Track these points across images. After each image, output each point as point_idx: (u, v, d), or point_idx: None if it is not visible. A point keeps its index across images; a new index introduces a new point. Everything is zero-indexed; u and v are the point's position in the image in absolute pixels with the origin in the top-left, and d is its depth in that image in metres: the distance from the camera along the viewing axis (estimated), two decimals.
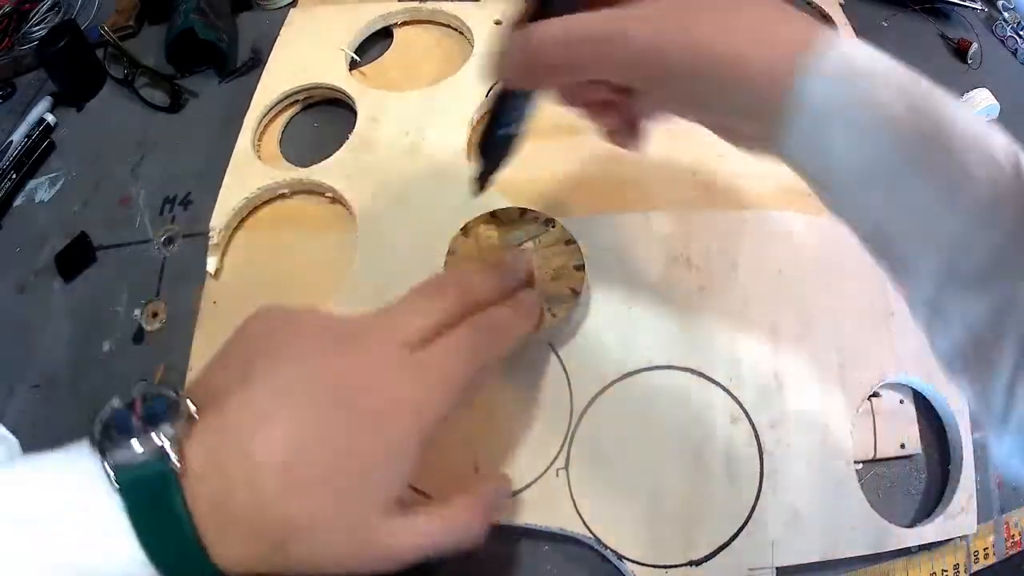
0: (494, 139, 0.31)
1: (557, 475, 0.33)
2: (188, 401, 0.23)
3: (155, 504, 0.21)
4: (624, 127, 0.30)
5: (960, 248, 0.22)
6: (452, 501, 0.27)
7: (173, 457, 0.21)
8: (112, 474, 0.21)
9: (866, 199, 0.23)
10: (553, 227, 0.36)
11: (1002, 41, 0.61)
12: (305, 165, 0.43)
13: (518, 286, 0.31)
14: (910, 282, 0.24)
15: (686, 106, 0.27)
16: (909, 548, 0.35)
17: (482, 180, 0.33)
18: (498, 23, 0.49)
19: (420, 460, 0.25)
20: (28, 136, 0.48)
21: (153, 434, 0.21)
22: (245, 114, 0.45)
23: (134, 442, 0.21)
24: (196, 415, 0.23)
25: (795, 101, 0.22)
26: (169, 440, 0.21)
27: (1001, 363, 0.21)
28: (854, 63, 0.22)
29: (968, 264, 0.21)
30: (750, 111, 0.24)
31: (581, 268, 0.35)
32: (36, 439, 0.37)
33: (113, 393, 0.37)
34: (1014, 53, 0.60)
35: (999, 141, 0.22)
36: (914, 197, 0.22)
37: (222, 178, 0.42)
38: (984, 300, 0.21)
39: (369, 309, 0.27)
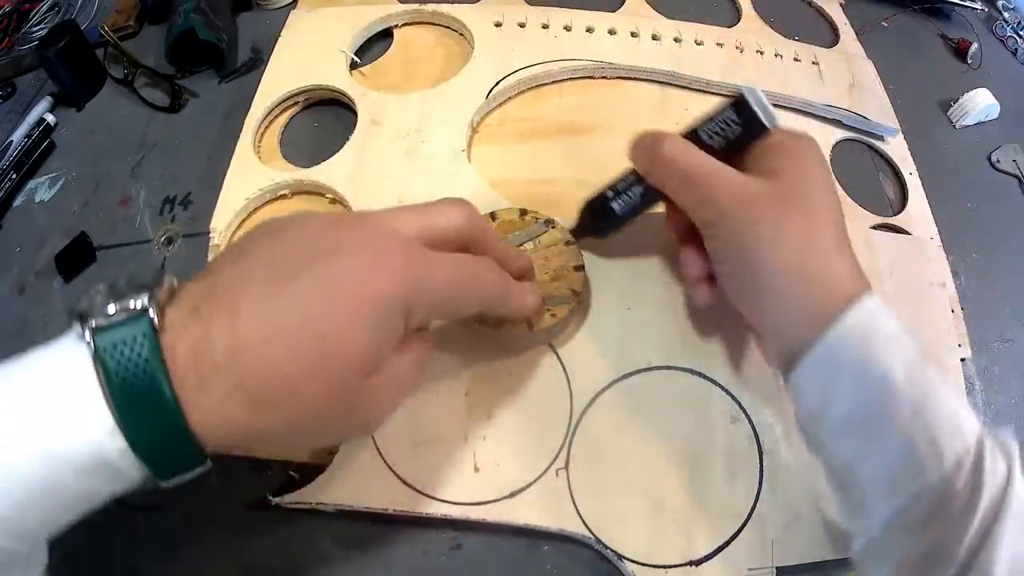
0: (605, 204, 0.35)
1: (557, 475, 0.33)
2: (168, 276, 0.23)
3: (131, 364, 0.20)
4: (700, 274, 0.34)
5: (914, 501, 0.25)
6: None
7: (152, 312, 0.21)
8: (90, 341, 0.20)
9: (847, 441, 0.27)
10: (553, 228, 0.37)
11: (1002, 41, 0.61)
12: (305, 166, 0.43)
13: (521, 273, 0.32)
14: (861, 519, 0.27)
15: (736, 287, 0.31)
16: None
17: (576, 233, 0.37)
18: (498, 25, 0.49)
19: (399, 333, 0.24)
20: (28, 136, 0.48)
21: (132, 299, 0.21)
22: (245, 114, 0.45)
23: (111, 307, 0.21)
24: (176, 286, 0.23)
25: (820, 337, 0.27)
26: (148, 300, 0.21)
27: None
28: (875, 321, 0.27)
29: (916, 514, 0.25)
30: (785, 325, 0.29)
31: (581, 268, 0.35)
32: None
33: None
34: (1014, 53, 0.60)
35: (970, 425, 0.25)
36: (889, 452, 0.25)
37: (222, 178, 0.42)
38: (921, 544, 0.24)
39: None
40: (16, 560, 0.21)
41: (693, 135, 0.32)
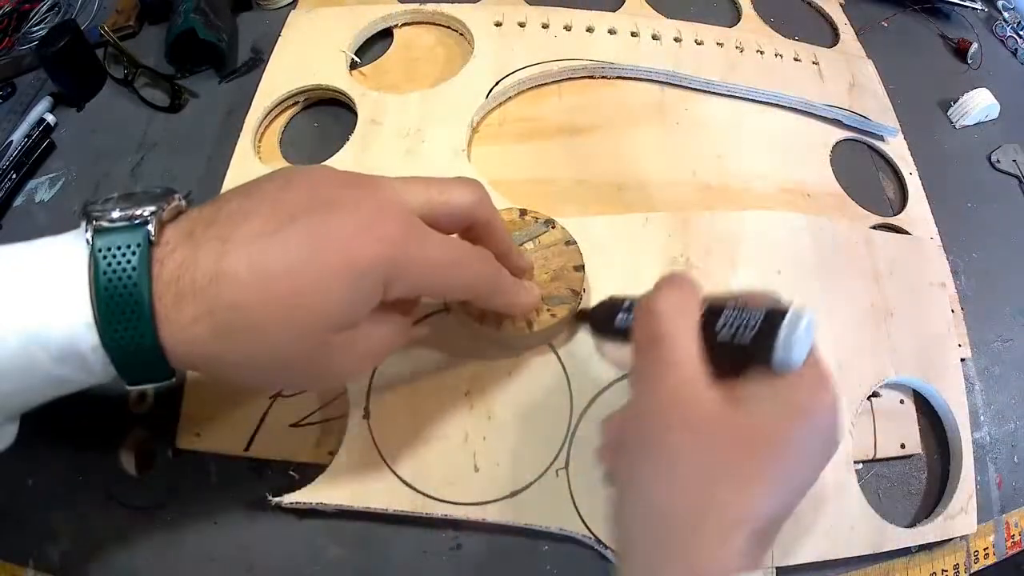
0: (611, 318, 0.31)
1: (557, 475, 0.33)
2: (179, 196, 0.24)
3: (119, 268, 0.21)
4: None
5: None
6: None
7: (151, 226, 0.22)
8: (89, 239, 0.22)
9: None
10: (553, 228, 0.36)
11: (1002, 41, 0.61)
12: (305, 165, 0.43)
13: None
14: None
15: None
16: (909, 548, 0.35)
17: (581, 316, 0.35)
18: (498, 24, 0.49)
19: (375, 300, 0.24)
20: (28, 136, 0.48)
21: (138, 209, 0.22)
22: (245, 114, 0.45)
23: (116, 212, 0.22)
24: (184, 207, 0.24)
25: None
26: (150, 214, 0.22)
27: None
28: None
29: None
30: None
31: (580, 269, 0.35)
32: (35, 439, 0.37)
33: (110, 394, 0.37)
34: (1014, 53, 0.60)
35: None
36: None
37: (222, 178, 0.42)
38: None
39: None
40: None
41: (715, 311, 0.26)
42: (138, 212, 0.22)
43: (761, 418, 0.23)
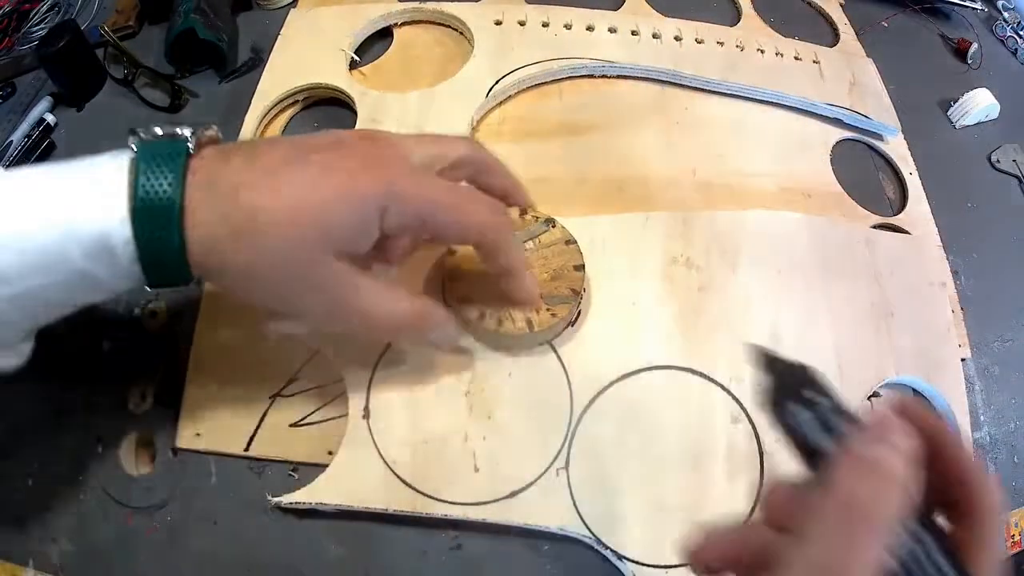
0: (794, 399, 0.22)
1: (557, 475, 0.33)
2: (215, 128, 0.27)
3: (158, 171, 0.24)
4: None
5: None
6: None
7: (190, 142, 0.26)
8: (133, 147, 0.25)
9: None
10: (553, 227, 0.36)
11: (1002, 41, 0.61)
12: None
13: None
14: None
15: None
16: None
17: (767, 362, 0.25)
18: (498, 23, 0.49)
19: (372, 228, 0.27)
20: (28, 136, 0.48)
21: (180, 129, 0.26)
22: (245, 114, 0.45)
23: (158, 128, 0.26)
24: (220, 138, 0.27)
25: None
26: (191, 134, 0.26)
27: None
28: None
29: None
30: None
31: (581, 268, 0.35)
32: (35, 439, 0.37)
33: (112, 393, 0.37)
34: (1014, 53, 0.60)
35: None
36: None
37: None
38: None
39: None
40: (5, 335, 0.26)
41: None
42: (179, 131, 0.26)
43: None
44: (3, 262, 0.23)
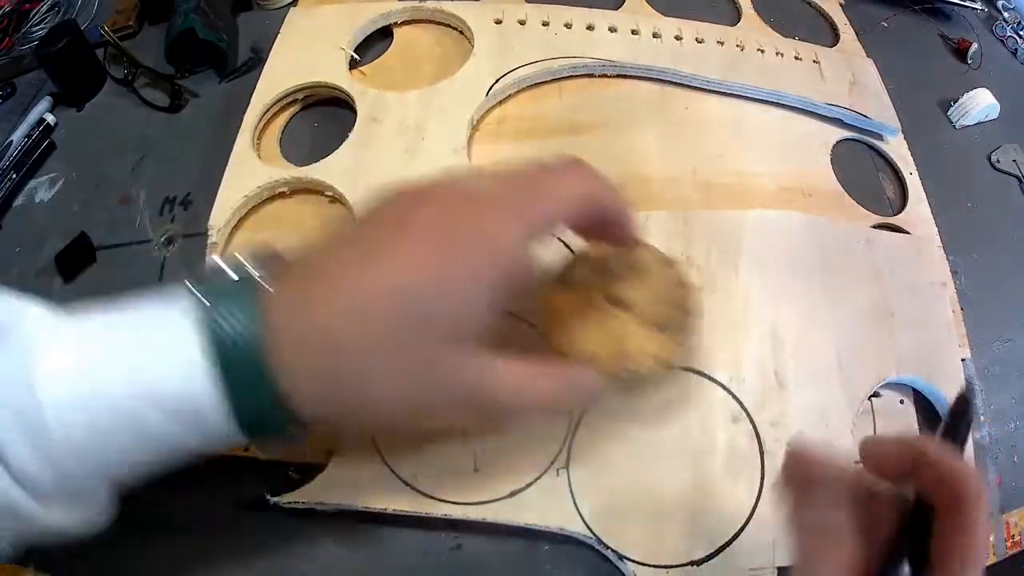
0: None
1: (557, 475, 0.33)
2: (279, 251, 0.25)
3: (235, 322, 0.22)
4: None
5: None
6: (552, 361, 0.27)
7: (262, 282, 0.23)
8: (200, 296, 0.23)
9: None
10: (642, 247, 0.33)
11: (1002, 41, 0.61)
12: (305, 164, 0.43)
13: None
14: None
15: None
16: None
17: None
18: (498, 22, 0.49)
19: (488, 315, 0.24)
20: (28, 136, 0.48)
21: (248, 267, 0.24)
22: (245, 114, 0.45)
23: (227, 272, 0.24)
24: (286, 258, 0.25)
25: None
26: (261, 270, 0.24)
27: None
28: None
29: None
30: None
31: (686, 285, 0.32)
32: None
33: None
34: (1014, 53, 0.60)
35: None
36: None
37: (222, 178, 0.42)
38: None
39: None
40: (83, 496, 0.24)
41: None
42: (249, 272, 0.24)
43: None
44: (70, 420, 0.21)
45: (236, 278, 0.24)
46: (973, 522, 0.21)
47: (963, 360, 0.41)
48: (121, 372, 0.22)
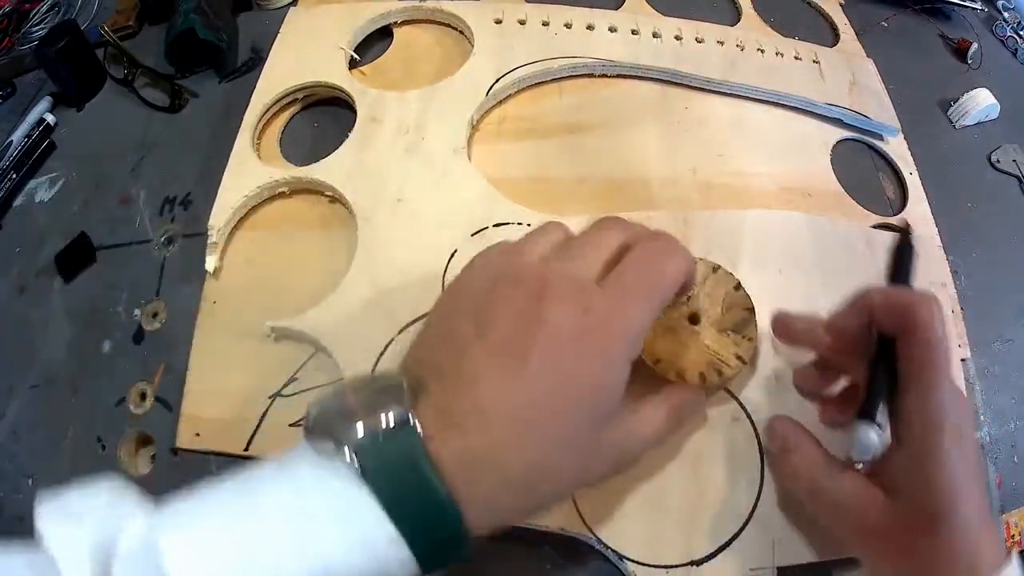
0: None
1: None
2: (403, 379, 0.24)
3: (404, 475, 0.21)
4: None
5: None
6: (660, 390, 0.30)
7: (414, 421, 0.22)
8: (354, 457, 0.21)
9: None
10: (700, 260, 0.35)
11: (1002, 41, 0.61)
12: (305, 164, 0.43)
13: None
14: None
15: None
16: None
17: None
18: (498, 22, 0.49)
19: (629, 370, 0.26)
20: (28, 136, 0.48)
21: (383, 413, 0.22)
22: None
23: (367, 423, 0.22)
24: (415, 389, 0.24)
25: None
26: (406, 411, 0.22)
27: None
28: None
29: None
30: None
31: (740, 287, 0.35)
32: (36, 439, 0.37)
33: (112, 393, 0.37)
34: (1014, 53, 0.60)
35: None
36: None
37: (222, 178, 0.42)
38: None
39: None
40: None
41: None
42: (388, 414, 0.22)
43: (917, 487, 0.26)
44: None
45: (384, 430, 0.22)
46: (931, 332, 0.25)
47: (963, 360, 0.41)
48: (301, 545, 0.21)
